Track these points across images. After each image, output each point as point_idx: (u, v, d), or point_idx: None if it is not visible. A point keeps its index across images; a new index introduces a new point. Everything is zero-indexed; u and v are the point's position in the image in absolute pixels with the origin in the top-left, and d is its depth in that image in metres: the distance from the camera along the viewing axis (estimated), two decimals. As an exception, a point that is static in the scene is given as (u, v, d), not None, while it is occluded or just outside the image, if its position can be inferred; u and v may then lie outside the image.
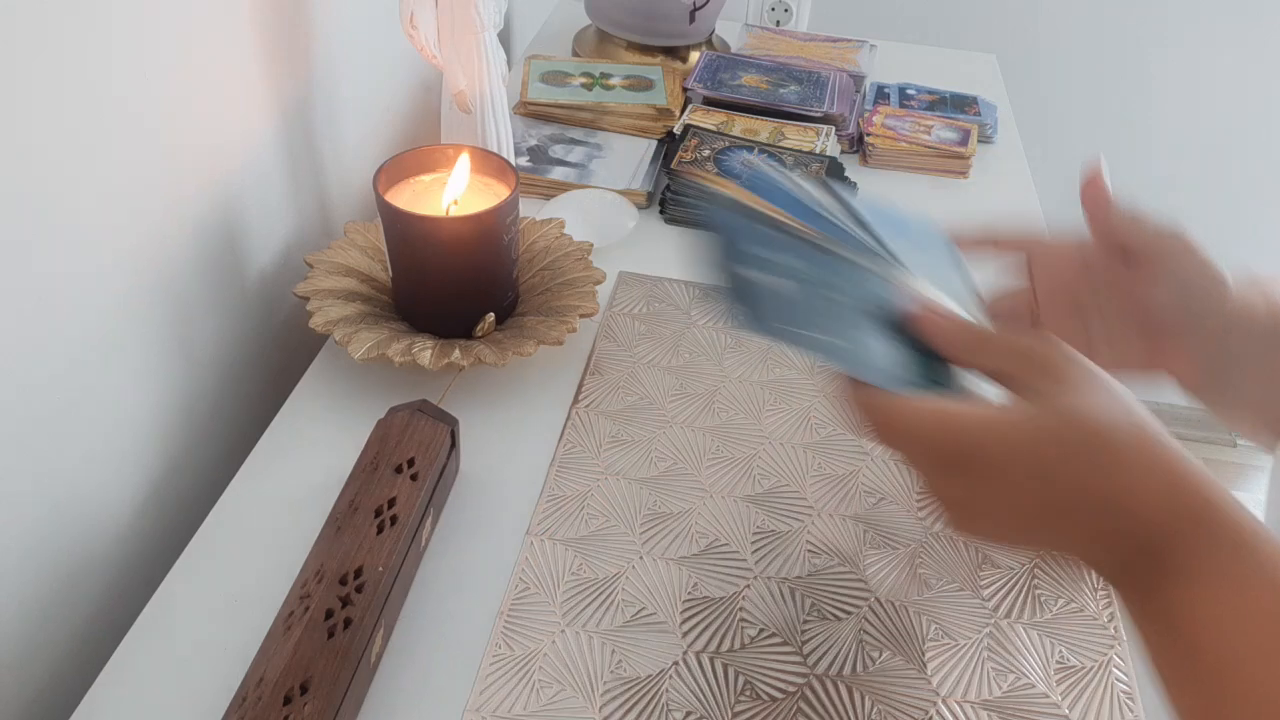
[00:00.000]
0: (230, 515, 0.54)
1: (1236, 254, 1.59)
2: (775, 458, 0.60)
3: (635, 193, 0.82)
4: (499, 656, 0.48)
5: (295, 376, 0.63)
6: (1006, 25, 1.52)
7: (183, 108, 0.55)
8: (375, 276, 0.66)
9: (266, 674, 0.41)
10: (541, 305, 0.65)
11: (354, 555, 0.46)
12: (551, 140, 0.88)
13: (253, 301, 0.66)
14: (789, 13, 1.22)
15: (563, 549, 0.54)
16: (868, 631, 0.51)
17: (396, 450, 0.51)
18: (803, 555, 0.54)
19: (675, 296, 0.73)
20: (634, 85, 0.95)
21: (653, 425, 0.62)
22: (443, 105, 0.73)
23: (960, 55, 1.17)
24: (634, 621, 0.50)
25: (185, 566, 0.51)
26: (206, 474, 0.63)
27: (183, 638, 0.48)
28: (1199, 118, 1.57)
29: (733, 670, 0.48)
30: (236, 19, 0.59)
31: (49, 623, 0.50)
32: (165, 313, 0.56)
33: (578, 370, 0.66)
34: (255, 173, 0.64)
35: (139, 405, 0.55)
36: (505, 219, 0.60)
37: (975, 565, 0.55)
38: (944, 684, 0.49)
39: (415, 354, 0.58)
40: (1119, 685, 0.49)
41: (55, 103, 0.45)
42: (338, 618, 0.43)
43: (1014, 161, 0.96)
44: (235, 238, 0.63)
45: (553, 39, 1.12)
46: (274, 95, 0.64)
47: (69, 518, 0.51)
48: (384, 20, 0.79)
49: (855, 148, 0.95)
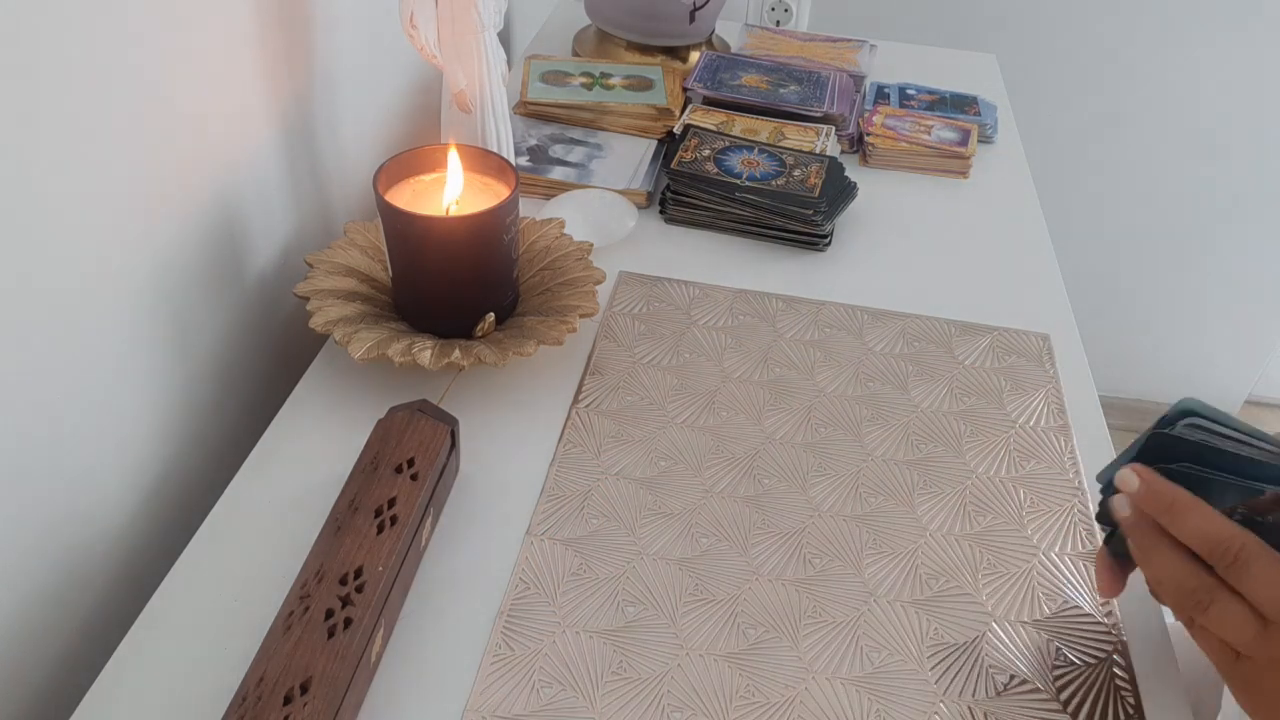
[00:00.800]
0: (230, 515, 0.54)
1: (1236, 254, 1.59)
2: (775, 458, 0.60)
3: (635, 193, 0.82)
4: (499, 656, 0.48)
5: (295, 376, 0.63)
6: (1006, 25, 1.52)
7: (183, 108, 0.55)
8: (375, 276, 0.66)
9: (266, 674, 0.41)
10: (541, 305, 0.65)
11: (354, 555, 0.46)
12: (551, 140, 0.88)
13: (253, 301, 0.66)
14: (789, 13, 1.22)
15: (563, 549, 0.54)
16: (866, 632, 0.51)
17: (396, 450, 0.51)
18: (803, 555, 0.54)
19: (675, 296, 0.73)
20: (634, 85, 0.95)
21: (653, 425, 0.62)
22: (443, 105, 0.73)
23: (960, 55, 1.17)
24: (634, 621, 0.50)
25: (185, 566, 0.51)
26: (206, 474, 0.63)
27: (183, 638, 0.48)
28: (1199, 118, 1.57)
29: (734, 671, 0.48)
30: (237, 19, 0.59)
31: (49, 623, 0.50)
32: (165, 312, 0.56)
33: (578, 370, 0.66)
34: (255, 172, 0.64)
35: (139, 404, 0.55)
36: (505, 219, 0.60)
37: (975, 567, 0.55)
38: (942, 683, 0.49)
39: (415, 354, 0.58)
40: (1119, 684, 0.49)
41: (55, 102, 0.45)
42: (338, 618, 0.43)
43: (1014, 161, 0.96)
44: (235, 238, 0.63)
45: (553, 39, 1.12)
46: (274, 95, 0.64)
47: (69, 518, 0.51)
48: (384, 20, 0.79)
49: (855, 148, 0.95)
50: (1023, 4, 1.51)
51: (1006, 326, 0.73)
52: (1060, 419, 0.65)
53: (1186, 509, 0.44)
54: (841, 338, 0.70)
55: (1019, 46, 1.52)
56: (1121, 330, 1.82)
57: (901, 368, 0.68)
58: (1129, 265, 1.75)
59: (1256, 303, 1.76)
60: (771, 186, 0.80)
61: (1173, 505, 0.45)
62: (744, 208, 0.79)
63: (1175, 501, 0.45)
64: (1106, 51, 1.53)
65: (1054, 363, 0.70)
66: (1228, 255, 1.71)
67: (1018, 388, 0.67)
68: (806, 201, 0.79)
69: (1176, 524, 0.45)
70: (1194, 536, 0.44)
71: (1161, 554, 0.45)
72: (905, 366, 0.68)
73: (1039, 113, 1.57)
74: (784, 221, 0.79)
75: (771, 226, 0.79)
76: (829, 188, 0.81)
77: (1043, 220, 0.87)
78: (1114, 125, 1.59)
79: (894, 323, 0.72)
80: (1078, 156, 1.62)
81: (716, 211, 0.80)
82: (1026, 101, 1.51)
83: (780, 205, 0.78)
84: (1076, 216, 1.69)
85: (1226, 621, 0.43)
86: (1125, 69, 1.54)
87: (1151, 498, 0.45)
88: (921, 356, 0.69)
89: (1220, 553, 0.43)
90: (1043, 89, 1.56)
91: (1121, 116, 1.58)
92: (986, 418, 0.65)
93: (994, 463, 0.61)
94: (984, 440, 0.63)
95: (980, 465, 0.61)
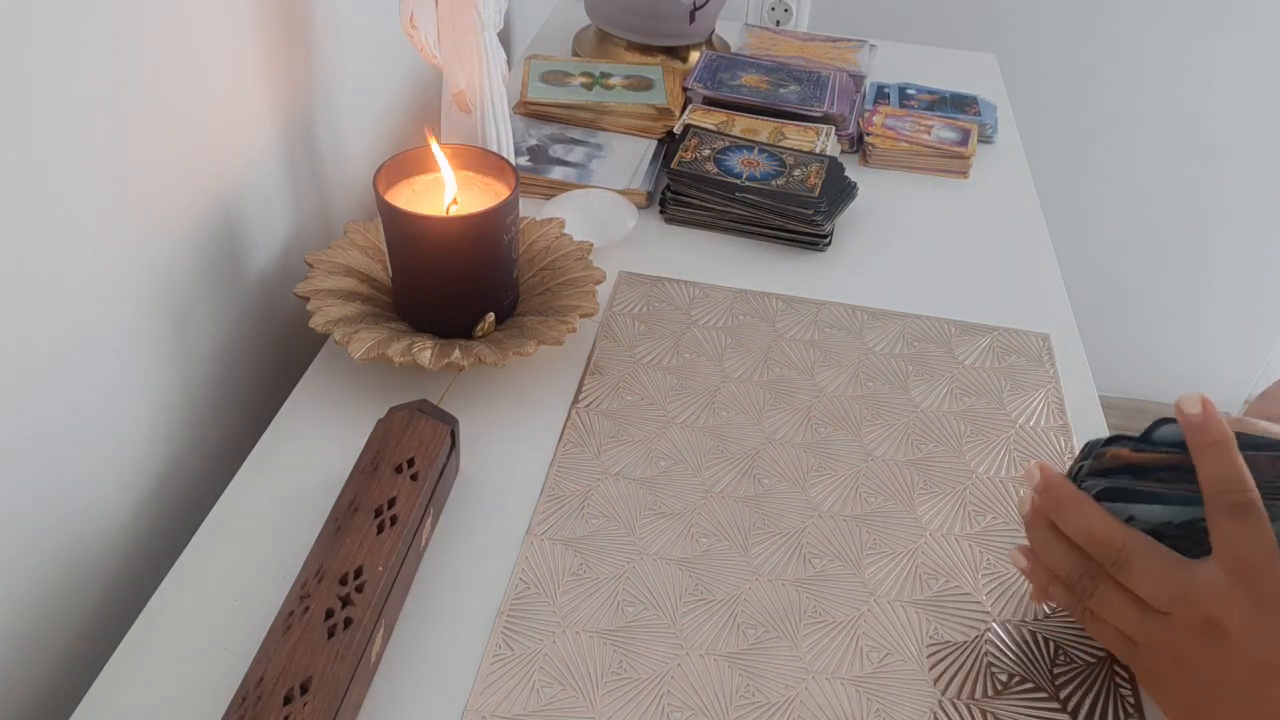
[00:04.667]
0: (230, 515, 0.54)
1: (1236, 254, 1.59)
2: (775, 458, 0.60)
3: (635, 193, 0.82)
4: (499, 656, 0.48)
5: (295, 376, 0.63)
6: (1006, 25, 1.52)
7: (183, 108, 0.55)
8: (375, 276, 0.66)
9: (266, 674, 0.41)
10: (541, 305, 0.65)
11: (354, 555, 0.46)
12: (551, 140, 0.88)
13: (253, 301, 0.66)
14: (789, 13, 1.22)
15: (563, 549, 0.54)
16: (866, 632, 0.51)
17: (396, 450, 0.51)
18: (803, 555, 0.54)
19: (675, 296, 0.73)
20: (634, 85, 0.95)
21: (653, 425, 0.62)
22: (443, 105, 0.73)
23: (960, 55, 1.17)
24: (634, 621, 0.50)
25: (185, 566, 0.51)
26: (206, 474, 0.63)
27: (183, 638, 0.48)
28: (1199, 117, 1.57)
29: (733, 671, 0.48)
30: (237, 18, 0.59)
31: (49, 623, 0.50)
32: (165, 312, 0.56)
33: (578, 370, 0.66)
34: (255, 173, 0.64)
35: (139, 405, 0.55)
36: (505, 219, 0.60)
37: (975, 567, 0.55)
38: (942, 682, 0.49)
39: (415, 354, 0.58)
40: (1119, 684, 0.49)
41: (54, 102, 0.45)
42: (338, 618, 0.43)
43: (1014, 161, 0.96)
44: (235, 238, 0.63)
45: (553, 39, 1.12)
46: (274, 95, 0.64)
47: (69, 517, 0.51)
48: (384, 21, 0.79)
49: (855, 148, 0.95)
50: (1023, 4, 1.51)
51: (1006, 326, 0.73)
52: (1060, 419, 0.65)
53: (1071, 506, 0.46)
54: (841, 338, 0.70)
55: (1019, 46, 1.52)
56: (1121, 330, 1.82)
57: (901, 368, 0.68)
58: (1129, 265, 1.75)
59: (1257, 302, 1.76)
60: (771, 186, 0.80)
61: (1060, 502, 0.46)
62: (744, 208, 0.79)
63: (1062, 499, 0.46)
64: (1107, 52, 1.53)
65: (1054, 363, 0.70)
66: (1228, 255, 1.71)
67: (1018, 388, 0.67)
68: (806, 201, 0.79)
69: (1063, 520, 0.46)
70: (1079, 534, 0.46)
71: (1051, 547, 0.47)
72: (905, 366, 0.68)
73: (1039, 113, 1.57)
74: (784, 221, 0.79)
75: (771, 226, 0.79)
76: (829, 188, 0.81)
77: (1043, 220, 0.87)
78: (1114, 125, 1.59)
79: (894, 323, 0.72)
80: (1078, 156, 1.62)
81: (716, 211, 0.80)
82: (1026, 101, 1.51)
83: (780, 205, 0.78)
84: (1076, 216, 1.69)
85: (1111, 605, 0.45)
86: (1125, 69, 1.54)
87: (1046, 494, 0.47)
88: (921, 356, 0.69)
89: (1103, 550, 0.45)
90: (1043, 89, 1.56)
91: (1122, 116, 1.58)
92: (986, 418, 0.65)
93: (994, 463, 0.61)
94: (984, 440, 0.63)
95: (980, 465, 0.61)
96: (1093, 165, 1.62)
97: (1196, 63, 1.52)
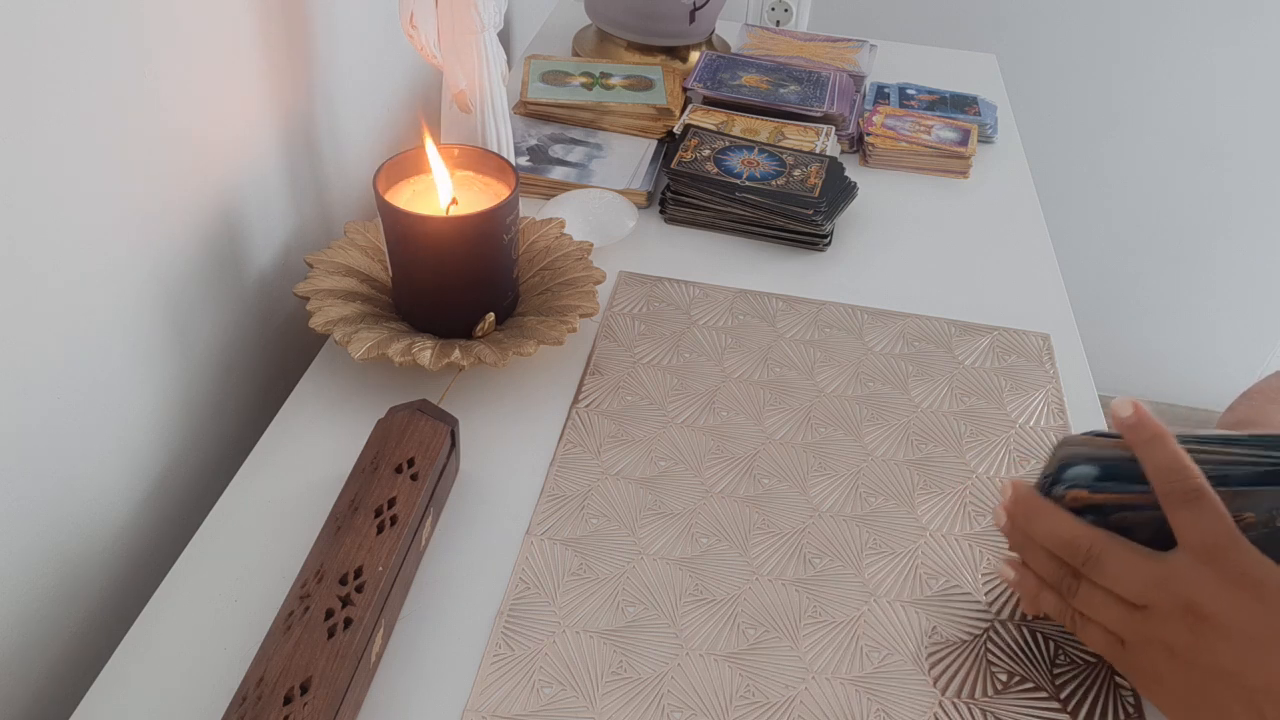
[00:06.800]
0: (230, 515, 0.54)
1: (1236, 254, 1.59)
2: (775, 458, 0.60)
3: (635, 193, 0.82)
4: (499, 656, 0.48)
5: (295, 376, 0.63)
6: (1006, 25, 1.52)
7: (183, 108, 0.55)
8: (375, 276, 0.66)
9: (266, 674, 0.41)
10: (541, 305, 0.65)
11: (354, 555, 0.46)
12: (551, 140, 0.88)
13: (253, 301, 0.66)
14: (789, 13, 1.22)
15: (563, 549, 0.54)
16: (866, 632, 0.51)
17: (396, 450, 0.51)
18: (803, 555, 0.54)
19: (675, 296, 0.73)
20: (634, 85, 0.95)
21: (653, 425, 0.62)
22: (443, 105, 0.73)
23: (960, 55, 1.17)
24: (634, 621, 0.50)
25: (185, 566, 0.51)
26: (206, 474, 0.63)
27: (183, 638, 0.48)
28: (1199, 117, 1.57)
29: (733, 671, 0.48)
30: (237, 19, 0.59)
31: (49, 623, 0.50)
32: (165, 312, 0.56)
33: (578, 370, 0.66)
34: (255, 173, 0.64)
35: (139, 405, 0.55)
36: (505, 219, 0.60)
37: (975, 567, 0.55)
38: (941, 682, 0.49)
39: (415, 354, 0.58)
40: (1119, 684, 0.49)
41: (54, 102, 0.45)
42: (338, 618, 0.43)
43: (1014, 161, 0.96)
44: (235, 238, 0.63)
45: (553, 39, 1.12)
46: (274, 95, 0.64)
47: (68, 518, 0.51)
48: (384, 21, 0.79)
49: (855, 148, 0.95)
50: (1023, 4, 1.51)
51: (1006, 326, 0.73)
52: (1060, 419, 0.65)
53: (1037, 514, 0.47)
54: (841, 338, 0.70)
55: (1019, 46, 1.52)
56: (1121, 330, 1.82)
57: (901, 368, 0.68)
58: (1129, 265, 1.75)
59: (1257, 302, 1.76)
60: (771, 186, 0.80)
61: (1029, 513, 0.48)
62: (744, 208, 0.79)
63: (1031, 509, 0.47)
64: (1107, 52, 1.53)
65: (1054, 363, 0.70)
66: (1228, 255, 1.71)
67: (1018, 388, 0.67)
68: (806, 201, 0.79)
69: (1032, 528, 0.47)
70: (1049, 540, 0.47)
71: (1032, 552, 0.48)
72: (905, 366, 0.68)
73: (1039, 113, 1.57)
74: (784, 221, 0.79)
75: (771, 226, 0.79)
76: (829, 188, 0.81)
77: (1043, 220, 0.87)
78: (1114, 125, 1.59)
79: (894, 323, 0.72)
80: (1078, 156, 1.62)
81: (716, 211, 0.81)
82: (1026, 101, 1.51)
83: (780, 205, 0.78)
84: (1076, 216, 1.69)
85: (1094, 602, 0.46)
86: (1126, 69, 1.54)
87: (1016, 506, 0.48)
88: (921, 356, 0.69)
89: (1072, 552, 0.46)
90: (1043, 89, 1.56)
91: (1122, 116, 1.58)
92: (986, 418, 0.65)
93: (994, 463, 0.61)
94: (984, 440, 0.63)
95: (980, 465, 0.61)
96: (1093, 165, 1.62)
97: (1196, 63, 1.52)
